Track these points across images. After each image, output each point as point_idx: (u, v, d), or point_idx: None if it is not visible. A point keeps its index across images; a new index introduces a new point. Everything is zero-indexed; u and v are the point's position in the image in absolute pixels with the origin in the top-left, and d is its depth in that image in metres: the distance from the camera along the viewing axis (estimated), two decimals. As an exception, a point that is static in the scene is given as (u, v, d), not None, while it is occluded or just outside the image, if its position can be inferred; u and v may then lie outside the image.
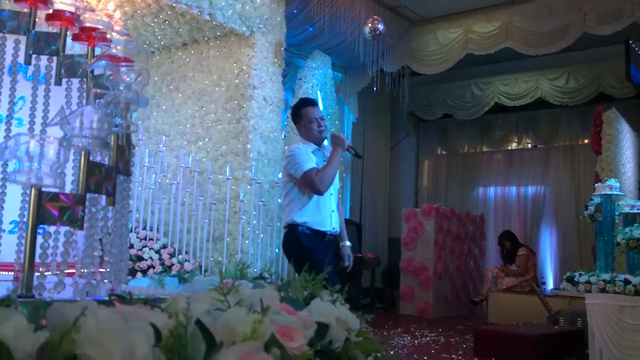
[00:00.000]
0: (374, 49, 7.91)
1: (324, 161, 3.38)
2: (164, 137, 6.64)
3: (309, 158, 3.32)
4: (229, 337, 0.56)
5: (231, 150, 6.35)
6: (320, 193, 3.26)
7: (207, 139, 6.57)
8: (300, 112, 3.50)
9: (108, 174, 1.27)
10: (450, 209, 8.37)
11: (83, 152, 1.19)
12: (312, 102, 3.62)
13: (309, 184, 3.26)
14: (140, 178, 6.11)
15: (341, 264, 3.43)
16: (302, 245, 3.24)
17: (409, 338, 5.59)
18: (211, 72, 6.65)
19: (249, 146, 6.26)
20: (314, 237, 3.26)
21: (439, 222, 7.92)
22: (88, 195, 1.25)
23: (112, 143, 1.32)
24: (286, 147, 5.70)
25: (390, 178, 10.53)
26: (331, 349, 0.68)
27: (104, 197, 1.37)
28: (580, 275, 4.07)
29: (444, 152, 10.79)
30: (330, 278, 1.11)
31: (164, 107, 6.99)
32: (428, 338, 5.67)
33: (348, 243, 3.50)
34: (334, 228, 3.37)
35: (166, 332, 0.52)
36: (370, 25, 7.10)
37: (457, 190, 10.26)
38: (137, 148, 6.58)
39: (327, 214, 3.34)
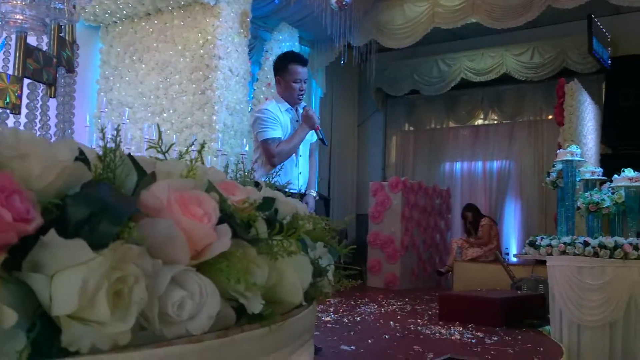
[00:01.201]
0: (341, 22, 7.86)
1: (297, 121, 3.33)
2: (127, 109, 6.51)
3: (276, 124, 3.25)
4: (165, 178, 0.54)
5: (196, 122, 6.27)
6: (273, 165, 3.22)
7: (171, 111, 6.47)
8: (288, 68, 3.30)
9: (48, 61, 1.22)
10: (417, 182, 8.42)
11: (21, 34, 1.14)
12: (304, 62, 3.38)
13: (265, 152, 3.23)
14: (104, 151, 6.00)
15: None
16: None
17: (376, 307, 5.64)
18: (175, 42, 6.53)
19: (214, 117, 6.18)
20: None
21: (405, 195, 7.95)
22: (27, 81, 1.20)
23: (53, 32, 1.26)
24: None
25: (358, 154, 10.56)
26: (277, 218, 0.66)
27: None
28: (542, 239, 4.15)
29: (411, 128, 10.85)
30: None
31: (127, 78, 6.84)
32: (394, 306, 5.73)
33: (314, 193, 3.46)
34: (300, 189, 3.36)
35: (95, 161, 0.50)
36: (336, -5, 7.05)
37: (425, 165, 10.35)
38: (99, 120, 6.45)
39: (294, 175, 3.32)
